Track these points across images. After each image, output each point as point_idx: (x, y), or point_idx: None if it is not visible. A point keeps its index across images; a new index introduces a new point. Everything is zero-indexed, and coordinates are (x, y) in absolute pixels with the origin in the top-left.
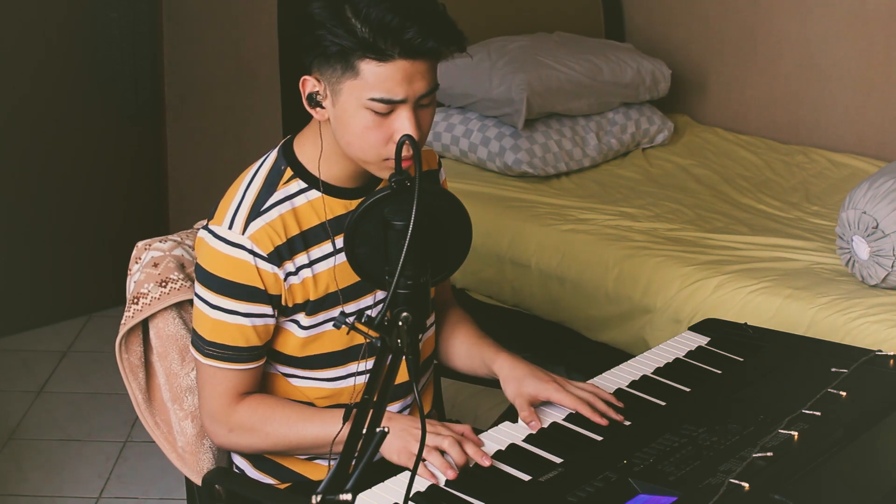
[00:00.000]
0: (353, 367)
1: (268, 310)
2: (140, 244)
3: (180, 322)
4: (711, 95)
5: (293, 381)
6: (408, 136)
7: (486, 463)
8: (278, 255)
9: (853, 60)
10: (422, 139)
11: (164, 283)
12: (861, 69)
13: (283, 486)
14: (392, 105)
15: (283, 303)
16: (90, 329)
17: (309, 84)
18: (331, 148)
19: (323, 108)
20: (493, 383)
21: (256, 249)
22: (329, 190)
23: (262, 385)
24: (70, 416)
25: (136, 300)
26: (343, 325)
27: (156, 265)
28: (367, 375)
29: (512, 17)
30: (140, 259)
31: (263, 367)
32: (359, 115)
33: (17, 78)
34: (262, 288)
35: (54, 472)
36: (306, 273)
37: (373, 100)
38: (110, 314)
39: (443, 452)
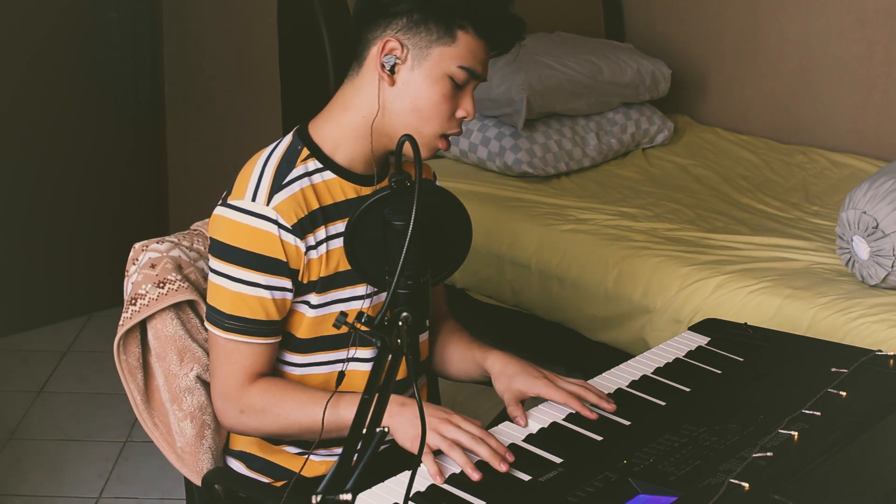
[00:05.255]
0: (352, 352)
1: (287, 283)
2: (137, 245)
3: (178, 323)
4: (711, 95)
5: (290, 369)
6: (408, 136)
7: (510, 458)
8: (301, 228)
9: (853, 60)
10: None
11: (161, 285)
12: (861, 69)
13: (278, 485)
14: (471, 79)
15: (299, 278)
16: (90, 329)
17: (390, 46)
18: (356, 128)
19: (393, 73)
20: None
21: (281, 220)
22: (343, 174)
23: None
24: (70, 416)
25: (133, 301)
26: (343, 325)
27: (153, 266)
28: (356, 363)
29: None
30: (137, 260)
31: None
32: (441, 82)
33: (16, 78)
34: (285, 260)
35: (54, 472)
36: (324, 248)
37: (461, 68)
38: (110, 314)
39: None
